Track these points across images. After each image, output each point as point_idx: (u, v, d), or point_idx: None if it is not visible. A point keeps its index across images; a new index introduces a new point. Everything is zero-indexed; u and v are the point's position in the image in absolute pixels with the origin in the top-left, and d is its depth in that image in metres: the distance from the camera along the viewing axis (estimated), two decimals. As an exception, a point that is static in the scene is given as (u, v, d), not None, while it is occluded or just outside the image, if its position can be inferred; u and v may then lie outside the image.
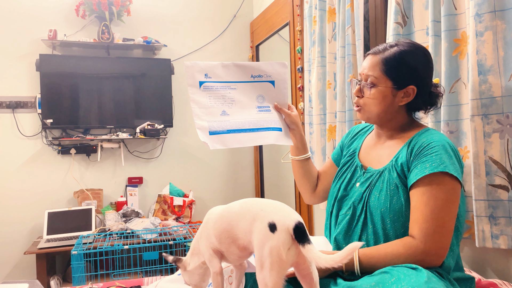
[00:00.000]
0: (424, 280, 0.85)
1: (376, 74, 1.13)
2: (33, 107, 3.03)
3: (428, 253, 0.99)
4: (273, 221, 0.92)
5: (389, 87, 1.12)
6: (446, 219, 0.99)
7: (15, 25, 3.00)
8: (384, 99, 1.13)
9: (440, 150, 1.03)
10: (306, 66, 2.39)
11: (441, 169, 1.00)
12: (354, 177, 1.22)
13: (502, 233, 1.23)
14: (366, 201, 1.13)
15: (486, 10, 1.23)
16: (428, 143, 1.06)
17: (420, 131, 1.13)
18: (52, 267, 2.88)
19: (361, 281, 0.98)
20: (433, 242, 0.98)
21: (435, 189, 1.00)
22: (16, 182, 3.01)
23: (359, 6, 1.86)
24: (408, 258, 0.99)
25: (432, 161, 1.02)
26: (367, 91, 1.15)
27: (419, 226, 1.00)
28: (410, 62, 1.11)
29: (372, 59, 1.15)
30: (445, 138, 1.07)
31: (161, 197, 3.17)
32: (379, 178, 1.13)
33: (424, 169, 1.02)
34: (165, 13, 3.37)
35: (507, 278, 1.31)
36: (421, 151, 1.06)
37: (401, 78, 1.11)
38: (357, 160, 1.25)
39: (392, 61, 1.11)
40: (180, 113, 3.39)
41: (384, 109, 1.14)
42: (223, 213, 1.05)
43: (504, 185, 1.23)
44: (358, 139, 1.33)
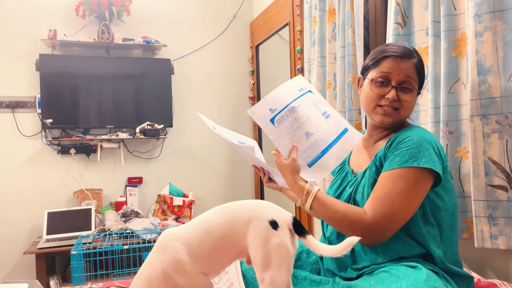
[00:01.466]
0: (424, 278, 0.86)
1: (415, 79, 1.14)
2: (33, 107, 3.03)
3: (371, 229, 1.01)
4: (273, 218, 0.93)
5: (416, 91, 1.16)
6: (398, 206, 1.01)
7: (15, 25, 3.00)
8: (414, 103, 1.17)
9: (413, 144, 1.05)
10: (306, 66, 2.39)
11: (408, 164, 1.03)
12: (345, 182, 1.24)
13: (501, 233, 1.23)
14: (353, 200, 1.16)
15: (485, 10, 1.23)
16: (404, 138, 1.08)
17: (405, 128, 1.15)
18: (52, 267, 2.88)
19: (360, 281, 0.98)
20: (378, 221, 1.01)
21: (396, 177, 1.03)
22: (15, 182, 3.01)
23: (359, 6, 1.86)
24: (352, 224, 1.03)
25: (402, 155, 1.04)
26: (404, 95, 1.13)
27: (372, 204, 1.04)
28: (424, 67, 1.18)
29: (407, 63, 1.12)
30: (426, 133, 1.08)
31: (160, 197, 3.17)
32: (363, 177, 1.16)
33: (393, 163, 1.05)
34: (165, 13, 3.37)
35: (506, 278, 1.31)
36: (396, 145, 1.08)
37: (422, 83, 1.18)
38: (347, 167, 1.28)
39: (421, 67, 1.16)
40: (180, 113, 3.39)
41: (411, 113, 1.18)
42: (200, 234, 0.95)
43: (503, 185, 1.23)
44: None
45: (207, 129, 3.47)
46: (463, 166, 1.38)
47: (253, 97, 3.53)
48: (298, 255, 1.29)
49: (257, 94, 3.48)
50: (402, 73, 1.12)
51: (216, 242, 0.94)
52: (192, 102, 3.44)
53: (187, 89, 3.42)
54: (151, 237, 2.61)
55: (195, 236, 0.96)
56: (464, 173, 1.38)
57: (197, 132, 3.45)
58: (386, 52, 1.14)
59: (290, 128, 1.15)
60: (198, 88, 3.46)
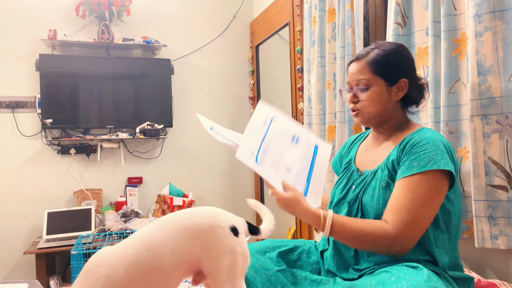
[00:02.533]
0: (424, 279, 0.86)
1: (367, 76, 1.15)
2: (32, 107, 3.03)
3: (396, 241, 1.00)
4: (233, 224, 0.85)
5: (383, 85, 1.15)
6: (421, 214, 1.00)
7: (15, 25, 3.00)
8: (381, 97, 1.15)
9: (431, 147, 1.04)
10: (306, 66, 2.39)
11: (428, 167, 1.01)
12: (351, 181, 1.23)
13: (501, 233, 1.23)
14: (360, 200, 1.15)
15: (485, 10, 1.23)
16: (419, 140, 1.07)
17: (415, 130, 1.14)
18: (52, 267, 2.88)
19: (361, 281, 0.98)
20: (403, 232, 1.00)
21: (418, 183, 1.01)
22: (15, 182, 3.01)
23: (359, 7, 1.86)
24: (375, 239, 1.01)
25: (420, 160, 1.03)
26: (361, 95, 1.17)
27: (395, 213, 1.02)
28: (395, 57, 1.15)
29: (358, 65, 1.18)
30: (438, 136, 1.08)
31: (160, 197, 3.17)
32: (373, 178, 1.14)
33: (412, 167, 1.03)
34: (165, 13, 3.37)
35: (506, 278, 1.31)
36: (411, 148, 1.07)
37: (392, 74, 1.15)
38: (353, 166, 1.27)
39: (379, 60, 1.15)
40: (180, 113, 3.39)
41: (383, 108, 1.16)
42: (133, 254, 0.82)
43: (503, 185, 1.23)
44: (353, 149, 1.36)
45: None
46: (463, 166, 1.38)
47: (253, 97, 3.53)
48: (299, 255, 1.28)
49: (257, 94, 3.48)
50: (354, 76, 1.18)
51: (157, 262, 0.80)
52: (192, 102, 3.43)
53: (187, 89, 3.42)
54: (151, 237, 2.61)
55: (125, 258, 0.81)
56: (464, 173, 1.38)
57: (197, 132, 3.45)
58: (349, 61, 1.23)
59: (272, 167, 1.15)
60: (198, 88, 3.45)
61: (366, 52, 1.18)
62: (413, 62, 1.20)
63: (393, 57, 1.15)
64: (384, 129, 1.22)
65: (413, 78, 1.18)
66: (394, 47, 1.17)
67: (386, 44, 1.18)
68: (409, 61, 1.18)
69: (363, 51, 1.19)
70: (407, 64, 1.17)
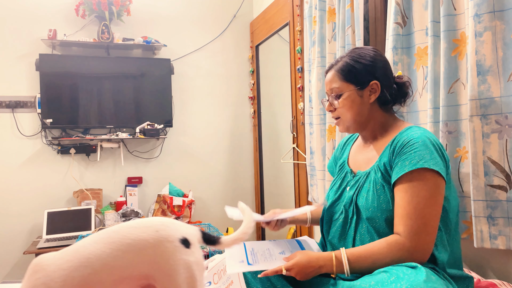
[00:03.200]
0: (423, 279, 0.86)
1: (337, 84, 1.20)
2: (32, 106, 3.03)
3: (414, 250, 0.99)
4: (183, 236, 0.81)
5: (353, 90, 1.18)
6: (430, 216, 1.01)
7: (15, 25, 3.00)
8: (353, 102, 1.19)
9: (420, 146, 1.04)
10: (306, 66, 2.39)
11: (420, 165, 1.02)
12: (344, 182, 1.24)
13: (500, 233, 1.23)
14: (355, 203, 1.15)
15: (485, 10, 1.23)
16: (408, 140, 1.07)
17: (403, 129, 1.15)
18: (52, 266, 2.88)
19: (360, 281, 0.98)
20: (419, 239, 0.99)
21: (417, 186, 1.02)
22: (15, 182, 3.01)
23: (359, 6, 1.86)
24: (394, 256, 1.00)
25: (411, 158, 1.04)
26: (335, 102, 1.21)
27: (404, 223, 1.01)
28: (361, 61, 1.18)
29: (330, 74, 1.23)
30: (426, 134, 1.08)
31: (160, 197, 3.17)
32: (366, 179, 1.15)
33: (404, 167, 1.04)
34: (165, 13, 3.37)
35: (506, 278, 1.31)
36: (402, 149, 1.08)
37: (360, 78, 1.18)
38: (347, 167, 1.28)
39: (345, 67, 1.19)
40: (179, 113, 3.39)
41: (357, 112, 1.19)
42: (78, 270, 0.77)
43: (502, 185, 1.23)
44: (346, 150, 1.37)
45: (207, 129, 3.47)
46: (463, 166, 1.38)
47: (253, 97, 3.53)
48: None
49: (257, 94, 3.48)
50: (328, 85, 1.24)
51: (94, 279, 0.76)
52: (192, 102, 3.44)
53: (187, 89, 3.42)
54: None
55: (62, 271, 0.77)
56: (464, 173, 1.38)
57: (197, 132, 3.45)
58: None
59: (267, 259, 1.17)
60: (198, 88, 3.45)
61: (336, 61, 1.23)
62: (386, 63, 1.22)
63: (360, 62, 1.18)
64: (368, 132, 1.24)
65: (386, 79, 1.19)
66: (359, 52, 1.21)
67: (356, 50, 1.22)
68: (379, 63, 1.19)
69: (335, 60, 1.25)
70: (377, 66, 1.19)
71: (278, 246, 1.25)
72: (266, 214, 1.37)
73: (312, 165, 2.36)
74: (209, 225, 2.71)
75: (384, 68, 1.20)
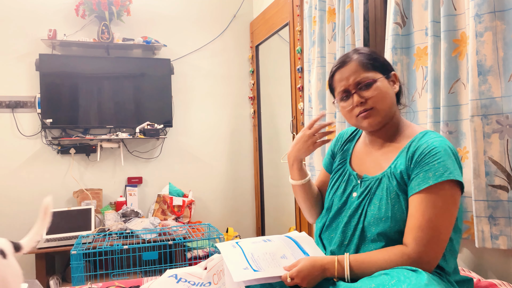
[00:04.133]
0: (424, 282, 0.84)
1: (366, 74, 1.11)
2: (32, 106, 3.03)
3: (420, 262, 0.97)
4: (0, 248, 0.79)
5: (383, 78, 1.13)
6: (442, 228, 0.98)
7: (15, 25, 3.00)
8: (387, 90, 1.12)
9: (443, 156, 1.00)
10: (306, 66, 2.39)
11: (445, 177, 0.97)
12: (349, 186, 1.18)
13: (501, 233, 1.23)
14: (365, 211, 1.10)
15: (485, 10, 1.23)
16: (430, 149, 1.01)
17: (418, 134, 1.10)
18: (52, 267, 2.88)
19: (360, 283, 0.97)
20: (426, 251, 0.97)
21: (434, 198, 0.98)
22: (15, 182, 3.01)
23: (358, 7, 1.86)
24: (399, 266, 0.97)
25: (435, 170, 0.99)
26: (367, 93, 1.10)
27: (414, 235, 0.98)
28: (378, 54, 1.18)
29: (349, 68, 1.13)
30: (446, 141, 1.04)
31: (160, 197, 3.17)
32: (379, 186, 1.09)
33: (427, 179, 0.99)
34: (165, 13, 3.37)
35: (506, 278, 1.31)
36: (422, 158, 1.02)
37: (384, 67, 1.15)
38: (349, 167, 1.21)
39: (369, 58, 1.13)
40: (179, 113, 3.39)
41: (390, 101, 1.12)
42: None
43: (503, 185, 1.23)
44: (348, 145, 1.29)
45: (207, 129, 3.47)
46: (464, 166, 1.38)
47: (253, 97, 3.53)
48: None
49: (257, 94, 3.48)
50: (351, 79, 1.12)
51: None
52: (192, 102, 3.43)
53: (187, 89, 3.42)
54: (150, 237, 2.61)
55: None
56: (465, 173, 1.38)
57: (197, 132, 3.45)
58: (332, 72, 1.18)
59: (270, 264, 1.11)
60: (198, 88, 3.45)
61: (348, 57, 1.15)
62: None
63: (376, 54, 1.16)
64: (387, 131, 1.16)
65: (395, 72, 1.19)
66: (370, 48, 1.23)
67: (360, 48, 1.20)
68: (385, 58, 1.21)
69: (344, 57, 1.16)
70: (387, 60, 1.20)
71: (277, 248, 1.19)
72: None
73: (311, 165, 2.36)
74: (209, 225, 2.71)
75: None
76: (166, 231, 2.69)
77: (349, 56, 1.15)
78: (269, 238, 1.25)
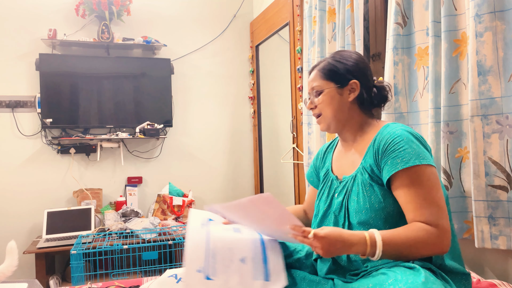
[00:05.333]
0: (422, 280, 0.86)
1: (318, 83, 1.23)
2: (32, 106, 3.03)
3: (442, 235, 0.98)
4: None
5: (332, 88, 1.21)
6: (440, 201, 1.01)
7: (15, 25, 3.00)
8: (332, 99, 1.20)
9: (406, 143, 1.05)
10: (306, 66, 2.39)
11: (412, 163, 1.02)
12: (332, 189, 1.23)
13: (501, 233, 1.23)
14: (346, 208, 1.14)
15: (486, 10, 1.23)
16: (392, 139, 1.07)
17: (382, 128, 1.15)
18: (51, 266, 2.88)
19: (358, 283, 0.97)
20: (443, 223, 0.99)
21: (417, 179, 1.02)
22: (15, 182, 3.01)
23: (359, 7, 1.86)
24: (426, 242, 0.97)
25: (402, 156, 1.04)
26: (316, 100, 1.23)
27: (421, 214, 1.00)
28: (343, 61, 1.22)
29: (312, 74, 1.26)
30: (406, 128, 1.09)
31: (160, 197, 3.17)
32: (354, 182, 1.14)
33: (396, 164, 1.04)
34: (165, 13, 3.37)
35: (506, 278, 1.31)
36: (387, 147, 1.07)
37: (340, 77, 1.20)
38: (331, 174, 1.27)
39: (327, 66, 1.23)
40: (179, 113, 3.39)
41: (336, 108, 1.20)
42: None
43: (503, 185, 1.23)
44: (327, 158, 1.35)
45: (207, 129, 3.48)
46: (464, 166, 1.38)
47: (253, 97, 3.53)
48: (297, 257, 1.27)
49: (257, 94, 3.48)
50: (309, 85, 1.26)
51: None
52: (192, 102, 3.43)
53: (187, 89, 3.42)
54: (150, 237, 2.61)
55: None
56: (465, 173, 1.38)
57: (197, 132, 3.45)
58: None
59: (227, 269, 1.07)
60: (198, 88, 3.45)
61: (319, 62, 1.26)
62: (367, 66, 1.23)
63: (341, 62, 1.21)
64: (347, 133, 1.24)
65: (365, 80, 1.21)
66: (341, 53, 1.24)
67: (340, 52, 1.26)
68: (360, 65, 1.21)
69: (317, 61, 1.29)
70: (358, 67, 1.20)
71: (241, 248, 1.13)
72: None
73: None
74: (209, 225, 2.71)
75: (365, 70, 1.22)
76: (166, 231, 2.69)
77: (318, 62, 1.27)
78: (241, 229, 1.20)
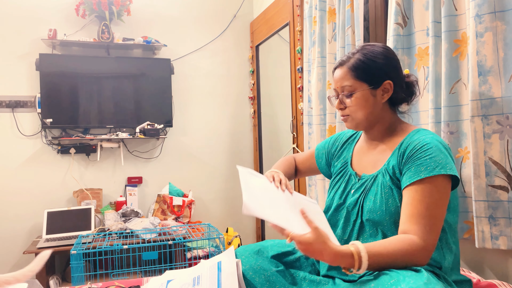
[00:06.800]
0: (424, 281, 0.85)
1: (349, 83, 1.16)
2: (32, 106, 3.03)
3: (426, 250, 0.97)
4: None
5: (366, 89, 1.15)
6: (439, 217, 1.00)
7: (15, 25, 3.00)
8: (366, 102, 1.15)
9: (434, 151, 1.03)
10: (306, 66, 2.39)
11: (436, 172, 1.00)
12: (349, 185, 1.21)
13: (501, 233, 1.23)
14: (361, 206, 1.13)
15: (486, 11, 1.23)
16: (421, 145, 1.05)
17: (411, 132, 1.13)
18: (51, 266, 2.88)
19: (360, 283, 0.97)
20: (430, 240, 0.98)
21: (430, 188, 1.00)
22: (15, 182, 3.01)
23: (359, 7, 1.86)
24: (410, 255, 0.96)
25: (427, 165, 1.02)
26: (347, 101, 1.18)
27: (417, 221, 0.99)
28: (376, 60, 1.15)
29: (341, 71, 1.18)
30: (437, 137, 1.07)
31: (160, 197, 3.17)
32: (374, 183, 1.13)
33: (419, 172, 1.02)
34: (165, 13, 3.37)
35: (506, 278, 1.31)
36: (414, 153, 1.05)
37: (374, 77, 1.15)
38: (350, 169, 1.25)
39: (359, 65, 1.15)
40: (179, 113, 3.39)
41: (370, 111, 1.16)
42: None
43: (503, 185, 1.23)
44: (347, 148, 1.32)
45: (207, 129, 3.47)
46: (464, 166, 1.38)
47: (253, 97, 3.53)
48: (297, 257, 1.27)
49: (257, 94, 3.48)
50: (338, 83, 1.19)
51: None
52: (192, 102, 3.43)
53: (187, 89, 3.42)
54: (150, 237, 2.61)
55: None
56: (465, 173, 1.38)
57: (197, 132, 3.45)
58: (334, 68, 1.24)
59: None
60: (198, 88, 3.45)
61: (348, 57, 1.18)
62: (398, 62, 1.18)
63: (374, 61, 1.14)
64: (376, 132, 1.21)
65: (398, 79, 1.17)
66: (373, 49, 1.16)
67: (368, 47, 1.17)
68: (393, 62, 1.16)
69: (345, 56, 1.19)
70: (391, 65, 1.16)
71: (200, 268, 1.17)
72: None
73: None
74: (209, 225, 2.71)
75: (397, 68, 1.17)
76: (166, 231, 2.69)
77: (347, 58, 1.18)
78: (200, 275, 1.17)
